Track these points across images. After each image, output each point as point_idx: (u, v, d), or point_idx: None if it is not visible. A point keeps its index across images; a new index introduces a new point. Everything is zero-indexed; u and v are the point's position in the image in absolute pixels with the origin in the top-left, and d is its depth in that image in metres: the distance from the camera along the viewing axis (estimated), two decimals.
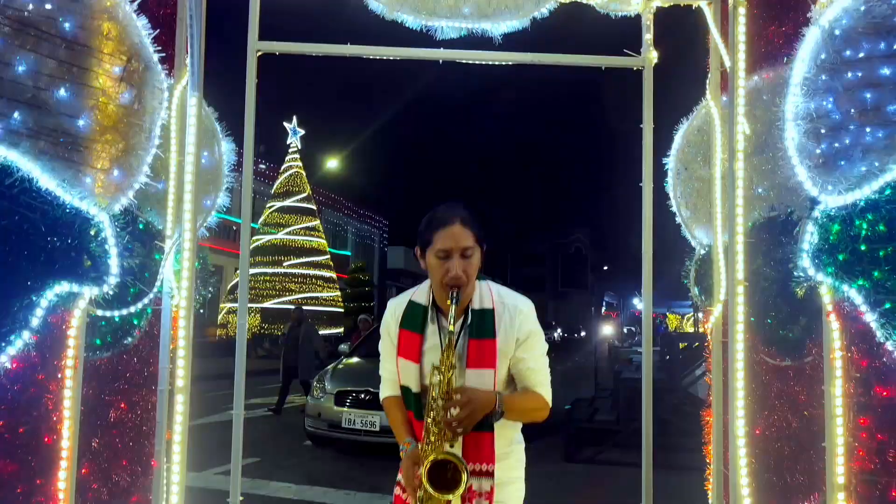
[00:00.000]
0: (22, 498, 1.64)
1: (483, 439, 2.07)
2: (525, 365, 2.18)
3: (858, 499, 1.74)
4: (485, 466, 2.06)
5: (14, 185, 1.63)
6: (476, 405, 1.99)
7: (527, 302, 2.32)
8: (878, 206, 1.75)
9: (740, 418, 1.90)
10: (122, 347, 2.15)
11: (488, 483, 2.08)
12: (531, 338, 2.24)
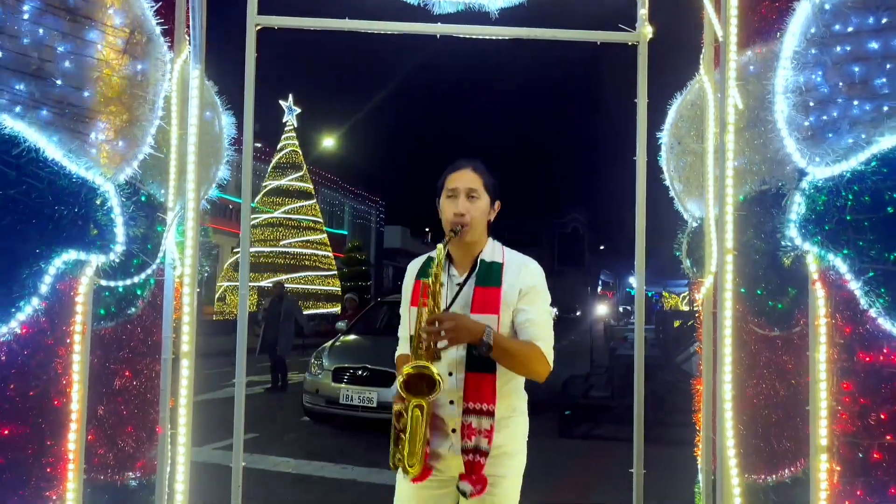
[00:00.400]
0: (32, 459, 1.70)
1: (484, 380, 2.13)
2: (525, 316, 2.24)
3: (840, 460, 1.81)
4: (485, 406, 2.13)
5: (21, 156, 1.67)
6: (461, 324, 2.06)
7: (536, 263, 2.39)
8: (864, 177, 1.80)
9: (727, 383, 1.96)
10: (125, 317, 2.20)
11: (488, 422, 2.14)
12: (534, 292, 2.31)
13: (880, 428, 1.79)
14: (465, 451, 2.22)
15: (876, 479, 1.80)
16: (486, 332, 2.08)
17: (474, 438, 2.17)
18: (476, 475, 2.19)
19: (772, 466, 2.31)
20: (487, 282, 2.32)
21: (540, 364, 2.16)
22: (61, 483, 1.72)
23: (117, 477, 2.17)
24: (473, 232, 2.34)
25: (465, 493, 2.21)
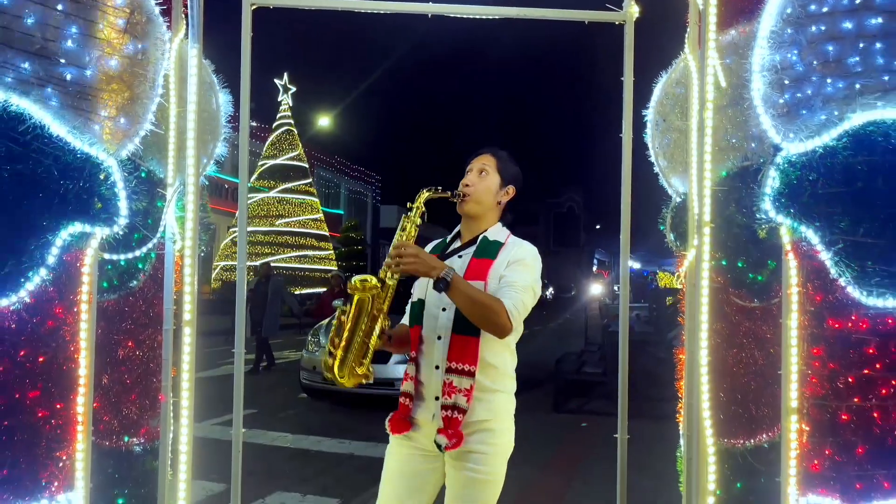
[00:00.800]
0: (43, 421, 1.79)
1: (468, 343, 2.23)
2: (504, 280, 2.34)
3: (810, 422, 1.91)
4: (466, 367, 2.22)
5: (27, 132, 1.74)
6: (422, 256, 2.17)
7: (535, 250, 2.50)
8: (836, 152, 1.89)
9: (703, 349, 2.06)
10: (127, 290, 2.27)
11: (468, 382, 2.24)
12: (520, 263, 2.41)
13: (848, 391, 1.90)
14: (444, 408, 2.32)
15: (844, 440, 1.90)
16: (447, 271, 2.17)
17: (454, 396, 2.26)
18: (453, 430, 2.28)
19: (750, 431, 2.40)
20: (484, 254, 2.43)
21: (499, 316, 2.22)
22: (71, 444, 1.82)
23: (122, 443, 2.25)
24: (475, 205, 2.45)
25: (441, 445, 2.31)
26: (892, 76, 1.90)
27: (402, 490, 2.47)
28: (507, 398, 2.44)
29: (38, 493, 1.77)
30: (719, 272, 2.39)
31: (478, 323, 2.33)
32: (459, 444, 2.29)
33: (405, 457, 2.46)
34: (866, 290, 1.89)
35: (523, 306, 2.30)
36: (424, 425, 2.40)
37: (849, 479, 1.89)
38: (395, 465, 2.50)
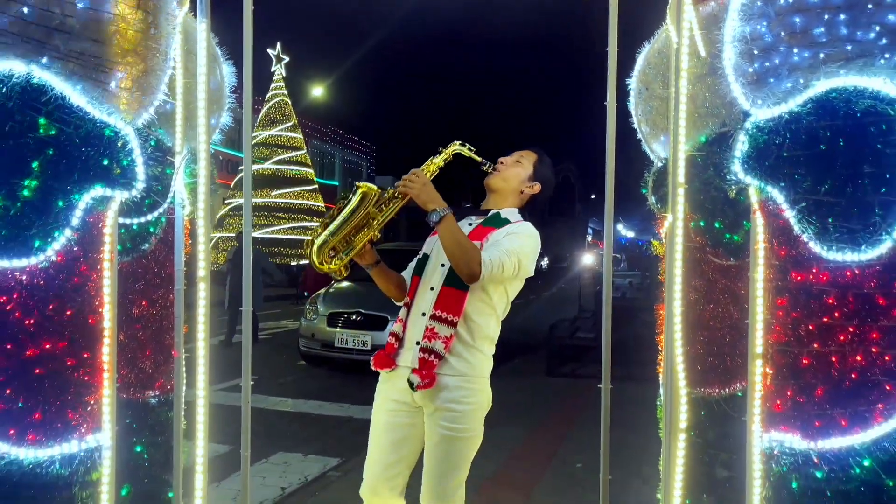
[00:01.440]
0: (71, 370, 1.96)
1: (455, 295, 2.42)
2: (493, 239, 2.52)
3: (774, 366, 2.10)
4: (449, 316, 2.41)
5: (49, 102, 1.89)
6: (429, 188, 2.37)
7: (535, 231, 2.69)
8: (801, 118, 2.04)
9: (677, 300, 2.23)
10: (140, 252, 2.42)
11: (449, 330, 2.43)
12: (514, 234, 2.60)
13: (809, 338, 2.07)
14: (423, 350, 2.50)
15: (805, 382, 2.08)
16: (444, 208, 2.35)
17: (433, 341, 2.45)
18: (425, 371, 2.47)
19: (725, 381, 2.58)
20: (489, 224, 2.62)
21: (473, 261, 2.40)
22: (97, 390, 1.99)
23: (139, 395, 2.42)
24: (501, 181, 2.65)
25: (413, 384, 2.50)
26: (855, 46, 2.05)
27: (387, 442, 2.66)
28: (485, 359, 2.62)
29: (68, 435, 1.95)
30: (698, 233, 2.56)
31: (454, 262, 2.49)
32: (431, 385, 2.47)
33: (389, 412, 2.65)
34: (827, 245, 2.06)
35: (500, 266, 2.46)
36: (404, 370, 2.58)
37: (808, 418, 2.08)
38: (380, 418, 2.70)
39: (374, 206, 2.41)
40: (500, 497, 4.73)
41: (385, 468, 2.63)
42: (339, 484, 4.94)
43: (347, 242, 2.42)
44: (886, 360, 2.07)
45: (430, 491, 2.61)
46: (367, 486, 2.68)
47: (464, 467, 2.63)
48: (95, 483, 1.99)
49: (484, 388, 2.61)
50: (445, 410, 2.52)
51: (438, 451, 2.58)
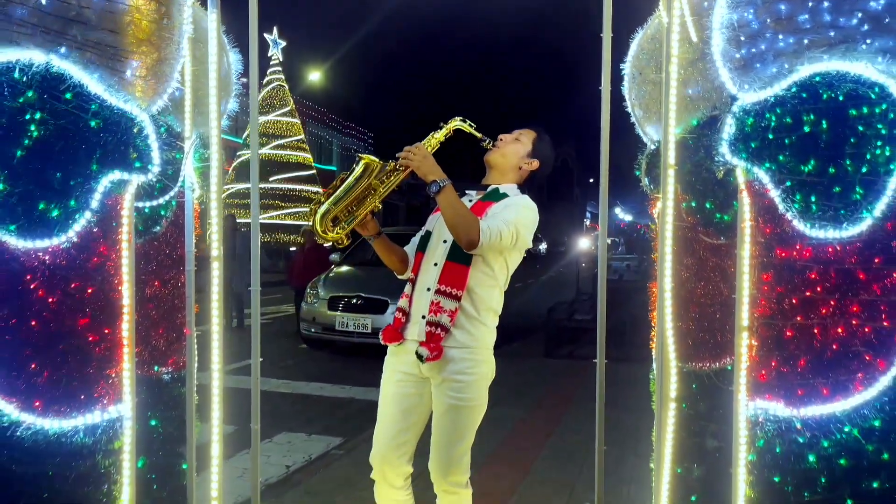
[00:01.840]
0: (93, 344, 2.07)
1: (459, 270, 2.54)
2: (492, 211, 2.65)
3: (759, 338, 2.21)
4: (454, 291, 2.53)
5: (68, 90, 1.99)
6: (430, 160, 2.48)
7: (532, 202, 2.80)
8: (785, 101, 2.15)
9: (667, 277, 2.35)
10: (151, 234, 2.52)
11: (454, 304, 2.55)
12: (512, 206, 2.72)
13: (792, 311, 2.19)
14: (429, 324, 2.63)
15: (788, 352, 2.20)
16: (443, 179, 2.47)
17: (439, 315, 2.57)
18: (434, 344, 2.59)
19: (715, 356, 2.69)
20: (489, 198, 2.74)
21: (472, 229, 2.51)
22: (118, 363, 2.11)
23: (152, 372, 2.54)
24: (500, 157, 2.77)
25: (422, 356, 2.62)
26: (837, 31, 2.15)
27: (396, 412, 2.79)
28: (489, 331, 2.74)
29: (91, 406, 2.06)
30: (689, 213, 2.67)
31: (453, 230, 2.60)
32: (439, 357, 2.59)
33: (397, 383, 2.78)
34: (810, 223, 2.17)
35: (498, 234, 2.58)
36: (411, 343, 2.70)
37: (792, 387, 2.20)
38: (388, 390, 2.82)
39: (375, 178, 2.52)
40: (500, 473, 4.88)
41: (394, 436, 2.76)
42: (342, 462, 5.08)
43: (349, 212, 2.53)
44: (866, 331, 2.19)
45: (438, 458, 2.75)
46: (376, 453, 2.82)
47: (469, 435, 2.76)
48: (118, 451, 2.12)
49: (488, 359, 2.73)
50: (452, 381, 2.64)
51: (445, 420, 2.71)
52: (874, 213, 2.16)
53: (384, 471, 2.83)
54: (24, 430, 2.00)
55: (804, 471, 2.20)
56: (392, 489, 2.84)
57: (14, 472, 2.01)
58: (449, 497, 2.85)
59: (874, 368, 2.19)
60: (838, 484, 2.21)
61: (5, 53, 1.97)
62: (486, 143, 2.73)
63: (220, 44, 2.24)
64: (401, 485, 2.84)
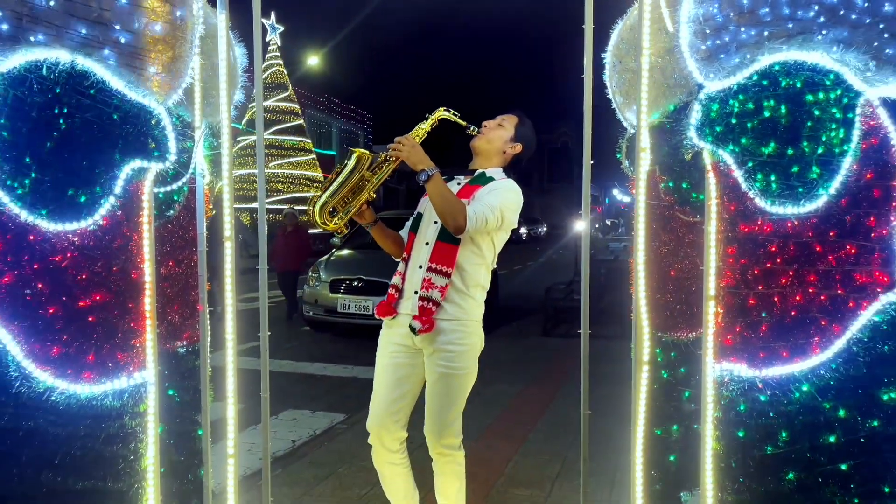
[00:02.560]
0: (118, 318, 2.30)
1: (449, 249, 2.77)
2: (477, 195, 2.88)
3: (724, 306, 2.43)
4: (444, 268, 2.76)
5: (92, 86, 2.20)
6: (418, 150, 2.71)
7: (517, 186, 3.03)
8: (747, 89, 2.35)
9: (641, 251, 2.57)
10: (165, 218, 2.73)
11: (444, 280, 2.78)
12: (497, 189, 2.94)
13: (755, 281, 2.41)
14: (421, 299, 2.87)
15: (751, 319, 2.43)
16: (431, 168, 2.70)
17: (430, 290, 2.81)
18: (425, 317, 2.84)
19: (692, 325, 2.91)
20: (476, 182, 2.97)
21: (459, 214, 2.74)
22: (141, 334, 2.34)
23: (169, 345, 2.76)
24: (485, 143, 3.00)
25: (415, 329, 2.87)
26: (795, 23, 2.36)
27: (391, 380, 3.04)
28: (477, 305, 2.98)
29: (118, 372, 2.30)
30: (667, 192, 2.88)
31: (441, 216, 2.84)
32: (430, 329, 2.83)
33: (391, 354, 3.03)
34: (770, 200, 2.38)
35: (484, 219, 2.81)
36: (405, 317, 2.94)
37: (754, 350, 2.43)
38: (383, 361, 3.07)
39: (367, 170, 2.75)
40: (496, 444, 5.13)
41: (389, 404, 3.01)
42: (346, 436, 5.34)
43: (345, 203, 2.76)
44: (822, 299, 2.41)
45: (432, 423, 3.00)
46: (373, 420, 3.06)
47: (460, 401, 3.01)
48: (143, 413, 2.35)
49: (476, 331, 2.97)
50: (443, 351, 2.88)
51: (438, 387, 2.95)
52: (829, 190, 2.38)
53: (381, 435, 3.08)
54: (59, 394, 2.23)
55: (766, 426, 2.44)
56: (388, 452, 3.10)
57: (49, 433, 2.25)
58: (443, 459, 3.11)
59: (830, 333, 2.42)
60: (797, 438, 2.44)
61: (34, 53, 2.18)
62: (472, 130, 2.95)
63: (228, 41, 2.45)
64: (396, 448, 3.10)
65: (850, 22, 2.35)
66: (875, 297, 2.42)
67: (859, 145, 2.37)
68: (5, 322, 2.21)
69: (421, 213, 2.95)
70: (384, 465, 3.16)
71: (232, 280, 2.58)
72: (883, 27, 2.36)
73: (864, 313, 2.42)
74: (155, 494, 2.38)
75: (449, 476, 3.13)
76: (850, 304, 2.41)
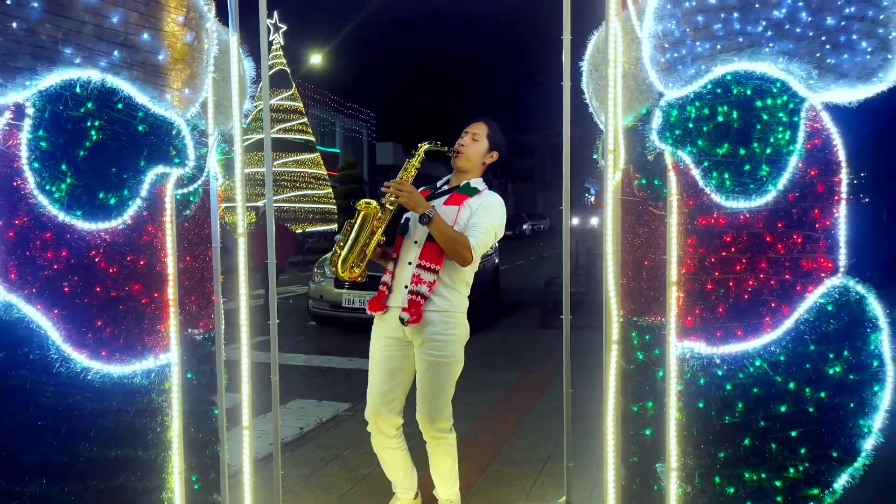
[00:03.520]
0: (145, 306, 2.62)
1: (437, 248, 3.08)
2: (472, 221, 3.19)
3: (685, 290, 2.73)
4: (432, 265, 3.07)
5: (120, 101, 2.51)
6: (414, 195, 3.01)
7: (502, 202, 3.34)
8: (703, 96, 2.65)
9: (610, 242, 2.87)
10: (183, 217, 3.02)
11: (432, 276, 3.10)
12: (485, 208, 3.26)
13: (712, 268, 2.71)
14: (411, 293, 3.19)
15: (709, 302, 2.72)
16: (430, 209, 3.02)
17: (419, 285, 3.13)
18: (414, 309, 3.16)
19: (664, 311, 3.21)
20: (463, 192, 3.28)
21: (464, 248, 3.09)
22: (166, 320, 2.65)
23: (186, 333, 3.06)
24: (465, 161, 3.31)
25: (404, 320, 3.19)
26: (745, 38, 2.65)
27: (384, 371, 3.36)
28: (462, 298, 3.30)
29: (146, 354, 2.61)
30: (640, 189, 3.17)
31: (445, 248, 3.19)
32: (419, 320, 3.15)
33: (384, 347, 3.35)
34: (725, 195, 2.68)
35: (484, 244, 3.16)
36: (395, 310, 3.26)
37: (712, 330, 2.72)
38: (376, 354, 3.39)
39: (374, 221, 3.09)
40: (493, 427, 5.45)
41: (384, 394, 3.33)
42: (350, 422, 5.65)
43: (362, 255, 3.11)
44: (773, 284, 2.71)
45: (424, 409, 3.32)
46: (370, 409, 3.39)
47: (450, 388, 3.32)
48: (168, 391, 2.67)
49: (463, 322, 3.28)
50: (432, 342, 3.20)
51: (428, 375, 3.27)
52: (778, 186, 2.67)
53: (378, 423, 3.41)
54: (94, 374, 2.55)
55: (723, 398, 2.74)
56: (386, 438, 3.42)
57: (86, 408, 2.56)
58: (436, 442, 3.43)
59: (780, 313, 2.72)
60: (752, 408, 2.74)
61: (68, 72, 2.50)
62: (450, 153, 3.27)
63: (239, 58, 2.76)
64: (393, 434, 3.43)
65: (794, 35, 2.64)
66: (820, 282, 2.72)
67: (804, 146, 2.67)
68: (46, 311, 2.53)
69: (409, 218, 3.26)
70: (383, 450, 3.48)
71: (245, 271, 2.90)
72: (825, 39, 2.65)
73: (811, 296, 2.72)
74: (179, 462, 2.70)
75: (442, 456, 3.45)
76: (798, 288, 2.71)
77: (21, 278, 2.51)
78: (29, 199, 2.48)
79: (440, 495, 3.59)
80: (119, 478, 2.60)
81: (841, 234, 2.72)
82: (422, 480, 3.78)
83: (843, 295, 2.72)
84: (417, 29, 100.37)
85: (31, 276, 2.51)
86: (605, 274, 2.93)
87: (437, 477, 3.57)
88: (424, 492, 3.78)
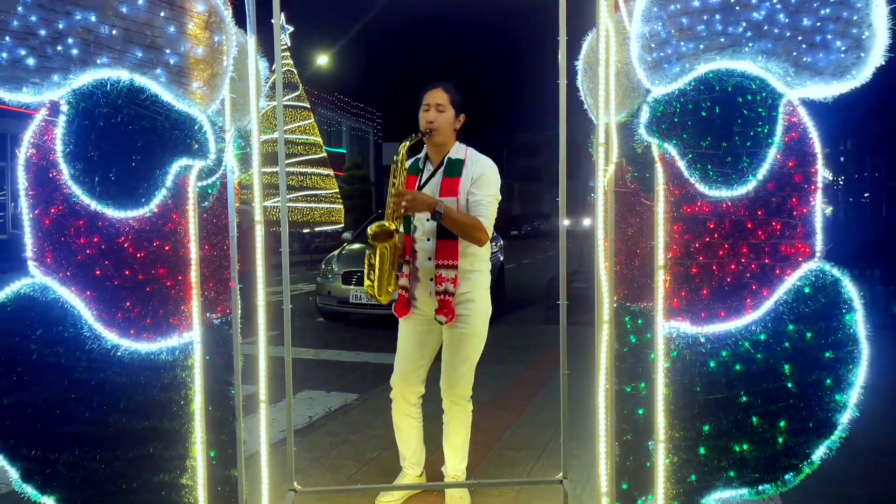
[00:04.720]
0: (170, 287, 2.84)
1: (450, 245, 3.30)
2: (474, 198, 3.40)
3: (671, 274, 2.94)
4: (451, 262, 3.30)
5: (147, 99, 2.74)
6: (418, 198, 3.22)
7: (491, 162, 3.55)
8: (687, 93, 2.86)
9: (601, 229, 3.08)
10: (201, 208, 3.25)
11: (453, 273, 3.33)
12: (483, 178, 3.47)
13: (696, 253, 2.92)
14: (438, 293, 3.43)
15: (694, 285, 2.93)
16: (439, 205, 3.24)
17: (444, 284, 3.37)
18: (446, 309, 3.40)
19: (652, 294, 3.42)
20: (451, 173, 3.49)
21: (479, 231, 3.31)
22: (188, 302, 2.88)
23: (206, 317, 3.29)
24: (440, 135, 3.51)
25: (441, 322, 3.43)
26: (727, 38, 2.86)
27: (413, 344, 3.61)
28: (483, 276, 3.53)
29: (171, 332, 2.84)
30: (633, 181, 3.39)
31: (462, 236, 3.41)
32: (453, 318, 3.41)
33: (412, 323, 3.58)
34: (708, 185, 2.88)
35: (492, 216, 3.38)
36: (422, 299, 3.49)
37: (697, 311, 2.93)
38: (406, 327, 3.63)
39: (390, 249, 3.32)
40: (497, 415, 5.66)
41: (413, 361, 3.60)
42: (358, 410, 5.88)
43: (390, 276, 3.38)
44: (753, 267, 2.91)
45: (446, 375, 3.57)
46: (396, 374, 3.66)
47: (473, 358, 3.58)
48: (191, 367, 2.90)
49: (485, 297, 3.54)
50: (459, 316, 3.44)
51: (453, 347, 3.53)
52: (758, 176, 2.88)
53: (403, 389, 3.66)
54: (123, 351, 2.78)
55: (707, 374, 2.95)
56: (408, 405, 3.67)
57: (116, 382, 2.80)
58: (454, 408, 3.67)
59: (760, 295, 2.92)
60: (734, 384, 2.95)
61: (99, 73, 2.73)
62: (425, 136, 3.47)
63: (255, 60, 2.99)
64: (414, 402, 3.68)
65: (773, 35, 2.85)
66: (798, 266, 2.93)
67: (782, 138, 2.87)
68: (79, 292, 2.76)
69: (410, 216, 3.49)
70: (402, 418, 3.72)
71: (262, 259, 3.12)
72: (801, 39, 2.86)
73: (789, 279, 2.92)
74: (202, 433, 2.93)
75: (457, 424, 3.68)
76: (777, 272, 2.92)
77: (56, 262, 2.75)
78: (63, 189, 2.72)
79: (448, 471, 3.80)
80: (146, 447, 2.83)
81: (817, 221, 2.93)
82: (429, 460, 4.00)
83: (819, 278, 2.92)
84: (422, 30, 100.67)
85: (65, 260, 2.75)
86: (596, 258, 3.15)
87: (450, 449, 3.78)
88: (430, 470, 4.00)
